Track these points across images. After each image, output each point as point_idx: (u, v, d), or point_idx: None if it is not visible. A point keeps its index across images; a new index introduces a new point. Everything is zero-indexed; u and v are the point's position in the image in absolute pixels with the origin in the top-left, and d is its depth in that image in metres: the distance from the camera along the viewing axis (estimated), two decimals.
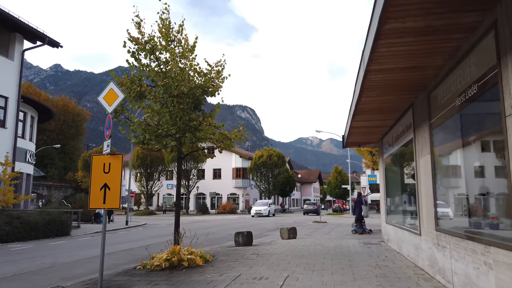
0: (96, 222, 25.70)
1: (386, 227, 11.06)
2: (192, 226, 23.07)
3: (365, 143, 12.19)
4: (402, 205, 9.35)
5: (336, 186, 55.59)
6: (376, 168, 16.85)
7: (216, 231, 18.86)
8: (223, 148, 8.96)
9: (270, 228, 21.27)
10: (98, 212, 25.96)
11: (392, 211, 10.43)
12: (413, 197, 8.19)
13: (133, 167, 49.86)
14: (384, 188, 11.38)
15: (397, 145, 9.07)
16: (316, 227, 21.66)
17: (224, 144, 8.79)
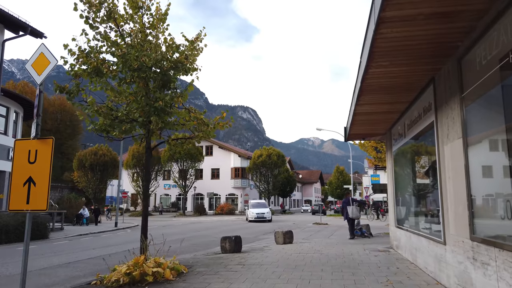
0: (78, 223, 24.19)
1: (396, 231, 9.55)
2: (183, 228, 21.58)
3: (370, 135, 10.68)
4: (416, 206, 7.84)
5: (337, 186, 53.97)
6: (383, 165, 15.29)
7: (207, 234, 17.37)
8: (202, 138, 7.45)
9: (267, 230, 19.76)
10: (80, 213, 24.49)
11: (404, 213, 8.90)
12: (432, 196, 6.69)
13: (128, 166, 48.51)
14: (392, 187, 9.87)
15: (411, 133, 7.56)
16: (316, 229, 20.16)
17: (204, 133, 7.28)
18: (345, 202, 13.62)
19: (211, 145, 54.44)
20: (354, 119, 8.58)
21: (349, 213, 13.32)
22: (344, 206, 13.59)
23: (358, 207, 13.45)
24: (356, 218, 13.32)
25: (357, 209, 13.35)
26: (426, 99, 6.20)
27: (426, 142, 6.84)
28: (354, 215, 13.21)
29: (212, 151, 53.92)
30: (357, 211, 13.25)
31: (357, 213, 13.24)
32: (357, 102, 7.08)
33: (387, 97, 6.89)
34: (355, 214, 13.19)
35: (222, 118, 7.74)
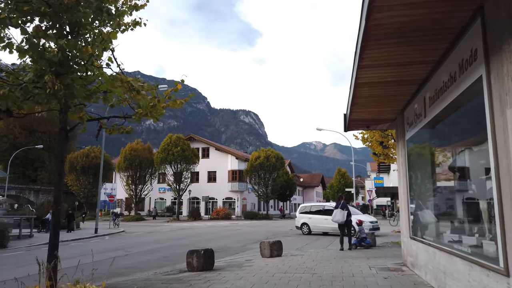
0: (44, 230, 21.96)
1: (411, 244, 7.35)
2: (166, 235, 19.40)
3: (376, 121, 8.52)
4: (446, 211, 5.65)
5: (339, 189, 51.61)
6: (390, 162, 13.02)
7: (188, 242, 15.19)
8: (142, 115, 5.30)
9: (259, 238, 17.55)
10: (46, 218, 22.34)
11: (424, 219, 6.71)
12: (474, 194, 4.55)
13: (120, 169, 46.45)
14: (406, 185, 7.69)
15: (435, 109, 5.39)
16: (314, 237, 17.95)
17: (145, 109, 5.14)
18: (336, 207, 11.55)
19: (208, 147, 52.36)
20: (356, 95, 6.43)
21: (332, 216, 11.40)
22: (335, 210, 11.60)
23: (344, 210, 11.27)
24: (337, 222, 11.24)
25: (342, 213, 11.20)
26: (467, 46, 4.05)
27: (461, 117, 4.68)
28: (335, 218, 11.19)
29: (208, 153, 51.82)
30: (340, 215, 11.12)
31: (340, 217, 11.12)
32: (359, 61, 4.92)
33: (402, 52, 4.73)
34: (336, 217, 11.13)
35: (175, 91, 5.61)
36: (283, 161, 46.77)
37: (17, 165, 64.06)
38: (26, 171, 66.88)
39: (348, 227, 11.50)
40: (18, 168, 64.57)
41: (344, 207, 11.17)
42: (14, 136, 62.24)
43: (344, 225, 11.31)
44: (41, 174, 65.78)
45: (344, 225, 11.30)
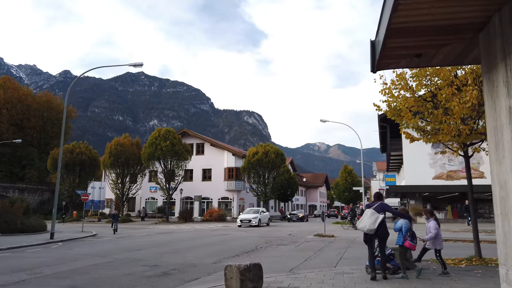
0: None
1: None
2: (134, 242, 15.34)
3: (439, 36, 4.46)
4: None
5: (345, 188, 47.23)
6: (430, 141, 8.73)
7: (145, 256, 11.12)
8: None
9: (245, 247, 13.47)
10: None
11: None
12: None
13: (105, 166, 42.64)
14: None
15: None
16: (317, 246, 13.89)
17: None
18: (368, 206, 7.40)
19: (203, 143, 48.40)
20: None
21: (358, 222, 7.27)
22: None
23: (381, 213, 7.13)
24: (363, 230, 7.01)
25: (373, 217, 7.02)
26: None
27: None
28: (361, 224, 6.98)
29: (203, 150, 47.85)
30: (370, 220, 6.94)
31: (369, 222, 6.93)
32: None
33: None
34: (363, 223, 6.94)
35: None
36: (283, 158, 42.66)
37: (4, 162, 60.51)
38: (13, 169, 63.22)
39: (382, 241, 7.16)
40: (5, 166, 61.01)
41: (381, 210, 7.02)
42: (0, 132, 58.55)
43: (374, 238, 7.11)
44: (30, 172, 62.08)
45: (375, 237, 7.08)
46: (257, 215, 30.70)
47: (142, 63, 20.72)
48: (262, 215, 31.78)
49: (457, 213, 32.78)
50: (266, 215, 33.24)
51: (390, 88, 8.98)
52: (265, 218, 32.39)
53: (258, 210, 32.67)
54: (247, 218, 30.06)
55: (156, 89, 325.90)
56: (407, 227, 7.22)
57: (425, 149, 33.95)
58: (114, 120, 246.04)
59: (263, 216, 31.90)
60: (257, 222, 29.65)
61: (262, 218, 31.51)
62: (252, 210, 33.62)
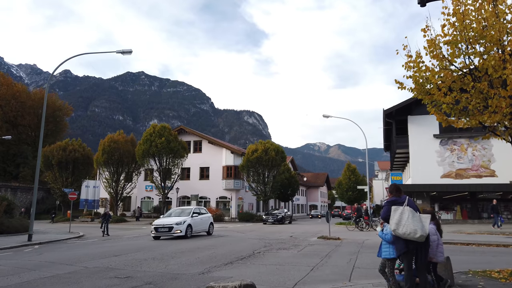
0: None
1: None
2: (117, 246, 13.59)
3: None
4: None
5: (348, 187, 45.39)
6: (473, 122, 7.00)
7: (120, 265, 9.40)
8: None
9: (241, 253, 11.73)
10: None
11: None
12: None
13: (99, 164, 40.96)
14: None
15: None
16: (322, 250, 12.17)
17: None
18: (395, 201, 5.57)
19: (200, 140, 46.69)
20: None
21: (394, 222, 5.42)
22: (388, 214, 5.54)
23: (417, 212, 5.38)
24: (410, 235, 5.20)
25: (423, 218, 5.27)
26: None
27: None
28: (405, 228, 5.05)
29: (201, 147, 46.15)
30: (420, 221, 5.18)
31: (420, 224, 5.13)
32: None
33: None
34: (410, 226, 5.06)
35: None
36: (284, 156, 40.93)
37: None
38: (7, 168, 61.49)
39: (427, 251, 5.41)
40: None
41: (415, 207, 5.32)
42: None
43: (424, 247, 5.34)
44: (24, 171, 60.32)
45: (424, 245, 5.32)
46: (186, 219, 18.01)
47: (131, 50, 19.03)
48: (195, 218, 18.66)
49: (467, 214, 31.13)
50: (206, 219, 19.95)
51: (417, 61, 7.29)
52: (203, 224, 19.38)
53: (190, 211, 19.13)
54: (166, 224, 17.52)
55: (156, 88, 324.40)
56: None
57: (432, 146, 32.31)
58: (114, 120, 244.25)
59: (196, 221, 18.75)
60: (183, 230, 17.36)
61: (196, 223, 18.56)
62: (178, 211, 20.21)
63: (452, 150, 32.13)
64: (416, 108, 33.09)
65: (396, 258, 5.43)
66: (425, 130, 32.47)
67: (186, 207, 21.01)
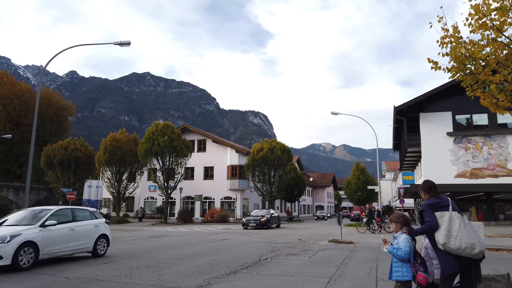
0: None
1: None
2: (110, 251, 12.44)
3: None
4: None
5: (358, 188, 43.96)
6: None
7: (106, 274, 8.30)
8: None
9: (246, 258, 10.55)
10: None
11: None
12: None
13: (100, 163, 40.02)
14: None
15: None
16: (336, 257, 10.96)
17: None
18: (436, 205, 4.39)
19: (204, 139, 45.60)
20: None
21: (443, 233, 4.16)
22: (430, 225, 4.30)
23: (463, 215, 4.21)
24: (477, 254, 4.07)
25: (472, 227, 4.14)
26: None
27: None
28: (465, 241, 3.98)
29: (205, 146, 45.06)
30: (473, 232, 4.06)
31: (478, 236, 4.03)
32: None
33: None
34: (470, 240, 3.98)
35: None
36: (290, 155, 39.70)
37: (0, 160, 58.34)
38: (10, 167, 60.94)
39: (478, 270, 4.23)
40: (1, 164, 58.77)
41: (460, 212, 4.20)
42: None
43: (477, 265, 4.18)
44: (27, 171, 59.64)
45: (477, 264, 4.17)
46: (21, 231, 8.91)
47: (129, 41, 18.00)
48: (52, 229, 9.38)
49: (482, 215, 29.74)
50: (88, 230, 10.98)
51: (455, 35, 6.06)
52: (77, 239, 10.24)
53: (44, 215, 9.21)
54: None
55: (161, 89, 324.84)
56: None
57: (446, 145, 30.93)
58: (120, 120, 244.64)
59: (55, 234, 9.30)
60: (8, 256, 7.89)
61: (54, 238, 9.23)
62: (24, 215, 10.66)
63: (467, 149, 30.72)
64: (428, 105, 31.75)
65: (411, 280, 4.17)
66: (438, 127, 31.15)
67: (40, 208, 10.64)
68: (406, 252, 4.10)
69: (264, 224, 26.69)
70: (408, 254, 4.11)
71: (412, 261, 4.14)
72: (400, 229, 4.35)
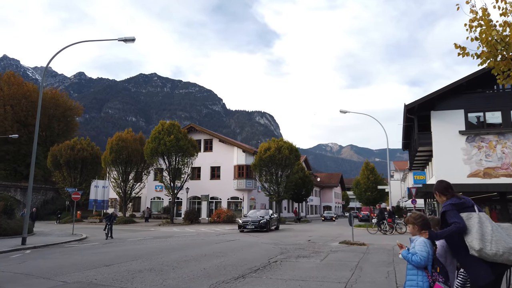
0: None
1: None
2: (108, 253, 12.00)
3: None
4: None
5: (367, 188, 43.17)
6: None
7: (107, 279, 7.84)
8: None
9: (254, 262, 10.03)
10: None
11: None
12: None
13: (106, 163, 39.76)
14: None
15: None
16: (349, 260, 10.38)
17: None
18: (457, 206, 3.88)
19: (211, 139, 45.17)
20: None
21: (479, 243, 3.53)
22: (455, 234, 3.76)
23: None
24: None
25: (502, 228, 3.64)
26: None
27: None
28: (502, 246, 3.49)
29: (211, 146, 44.63)
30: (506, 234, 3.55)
31: None
32: None
33: None
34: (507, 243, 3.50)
35: None
36: (298, 154, 39.09)
37: (8, 161, 58.43)
38: (18, 168, 61.09)
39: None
40: (9, 165, 58.91)
41: None
42: (4, 129, 56.35)
43: None
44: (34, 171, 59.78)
45: None
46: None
47: (134, 37, 17.61)
48: None
49: (496, 215, 28.88)
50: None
51: (484, 18, 5.49)
52: None
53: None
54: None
55: (168, 90, 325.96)
56: None
57: (458, 144, 30.14)
58: (127, 121, 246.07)
59: None
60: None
61: None
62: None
63: (480, 148, 29.90)
64: (439, 103, 31.00)
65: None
66: (449, 126, 30.39)
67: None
68: (422, 257, 3.52)
69: (263, 226, 23.64)
70: (425, 260, 3.52)
71: (429, 269, 3.57)
72: (418, 232, 3.77)
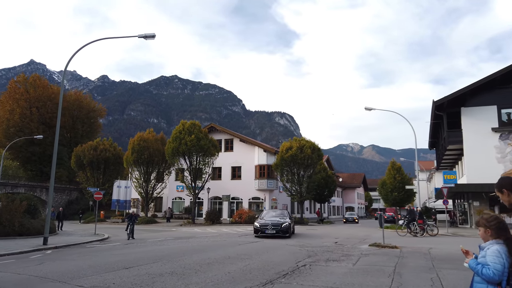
0: None
1: None
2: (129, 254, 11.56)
3: None
4: None
5: (394, 188, 41.75)
6: None
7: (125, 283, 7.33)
8: None
9: (281, 266, 9.33)
10: None
11: None
12: None
13: (128, 163, 39.88)
14: None
15: None
16: (384, 264, 9.55)
17: None
18: None
19: (231, 138, 44.76)
20: None
21: None
22: None
23: None
24: None
25: None
26: None
27: None
28: None
29: (232, 146, 44.22)
30: None
31: None
32: None
33: None
34: None
35: None
36: (320, 153, 38.14)
37: (34, 162, 59.80)
38: (43, 168, 62.42)
39: None
40: (35, 165, 60.26)
41: None
42: (30, 131, 57.62)
43: None
44: (59, 172, 60.97)
45: None
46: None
47: (154, 34, 17.25)
48: None
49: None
50: None
51: None
52: None
53: None
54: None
55: (189, 92, 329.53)
56: None
57: (491, 141, 28.63)
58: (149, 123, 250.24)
59: None
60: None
61: None
62: None
63: None
64: (471, 98, 29.54)
65: None
66: (481, 123, 28.92)
67: None
68: (496, 271, 2.74)
69: (286, 231, 18.88)
70: (499, 275, 2.75)
71: (503, 285, 2.80)
72: (491, 237, 2.98)
